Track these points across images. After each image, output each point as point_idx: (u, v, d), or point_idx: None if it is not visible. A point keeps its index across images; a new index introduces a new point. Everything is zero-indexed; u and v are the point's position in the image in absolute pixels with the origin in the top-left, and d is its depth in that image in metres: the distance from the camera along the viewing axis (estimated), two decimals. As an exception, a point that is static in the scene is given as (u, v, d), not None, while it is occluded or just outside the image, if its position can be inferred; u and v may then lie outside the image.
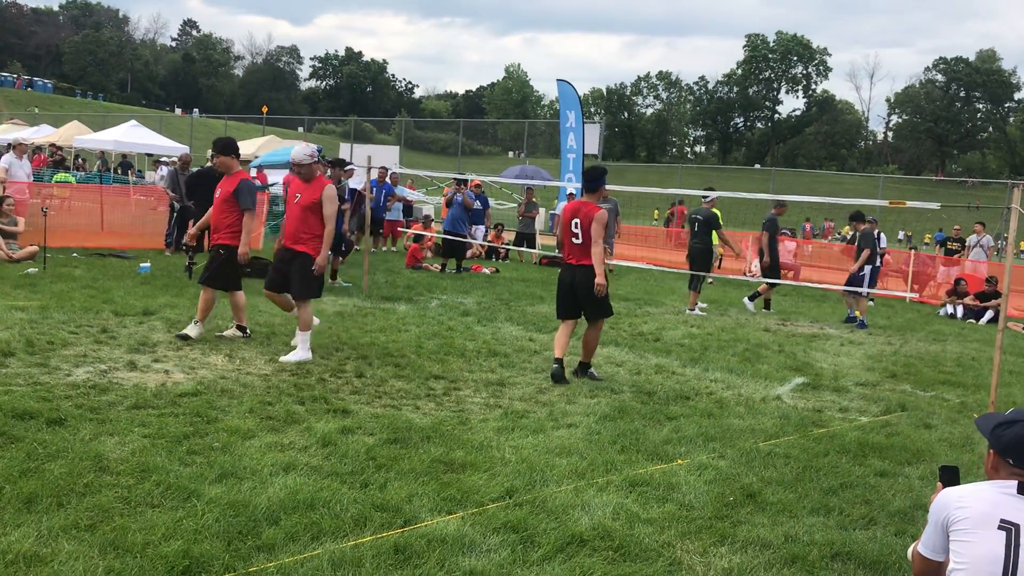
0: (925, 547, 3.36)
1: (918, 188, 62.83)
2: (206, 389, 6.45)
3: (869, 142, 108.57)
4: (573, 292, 7.92)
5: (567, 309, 8.06)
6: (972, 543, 3.10)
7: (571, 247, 7.91)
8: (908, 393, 8.54)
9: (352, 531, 4.10)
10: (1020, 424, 3.16)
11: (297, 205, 8.01)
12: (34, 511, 4.02)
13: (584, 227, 7.78)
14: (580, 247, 7.83)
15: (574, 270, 7.89)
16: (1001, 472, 3.20)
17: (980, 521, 3.10)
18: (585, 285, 7.79)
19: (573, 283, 7.91)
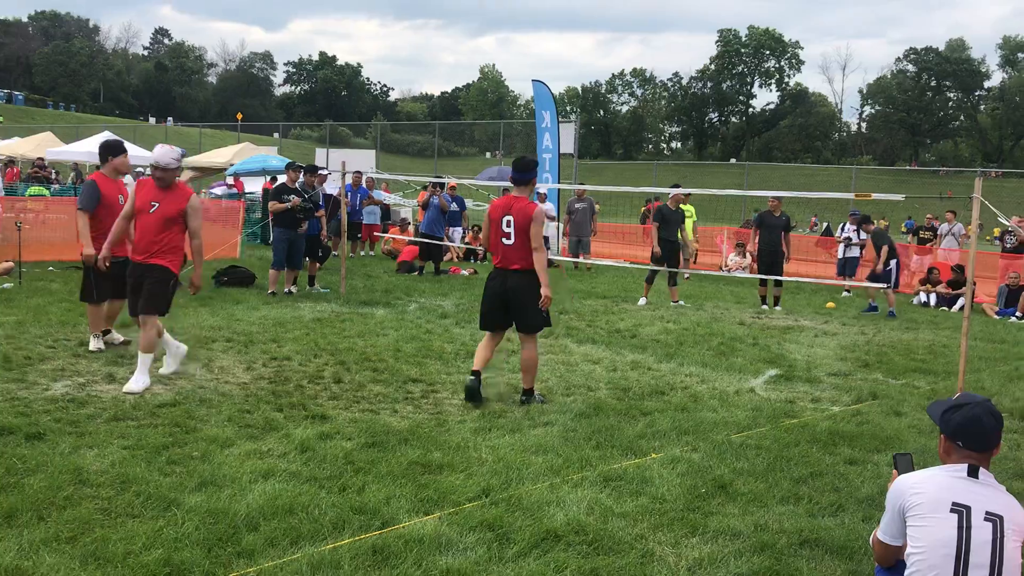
0: (884, 533, 3.48)
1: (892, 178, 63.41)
2: (184, 399, 6.50)
3: (843, 133, 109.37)
4: (504, 300, 7.01)
5: (494, 319, 7.13)
6: (927, 527, 3.23)
7: (503, 249, 6.99)
8: (880, 382, 8.69)
9: (331, 534, 4.18)
10: (967, 407, 3.29)
11: (154, 215, 7.04)
12: (15, 525, 4.07)
13: (519, 227, 6.88)
14: (513, 249, 6.93)
15: (506, 275, 6.98)
16: (953, 456, 3.32)
17: (934, 506, 3.22)
18: (519, 292, 6.92)
19: (504, 290, 6.98)
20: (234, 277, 13.10)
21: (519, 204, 6.96)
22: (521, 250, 6.91)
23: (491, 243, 7.14)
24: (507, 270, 6.99)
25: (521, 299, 6.95)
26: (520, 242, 6.90)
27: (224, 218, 19.55)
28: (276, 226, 12.86)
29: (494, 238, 7.07)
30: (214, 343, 8.71)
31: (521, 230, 6.88)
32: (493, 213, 7.09)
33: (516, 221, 6.90)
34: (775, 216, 13.76)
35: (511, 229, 6.92)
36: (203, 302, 11.13)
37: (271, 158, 27.06)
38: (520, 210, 6.91)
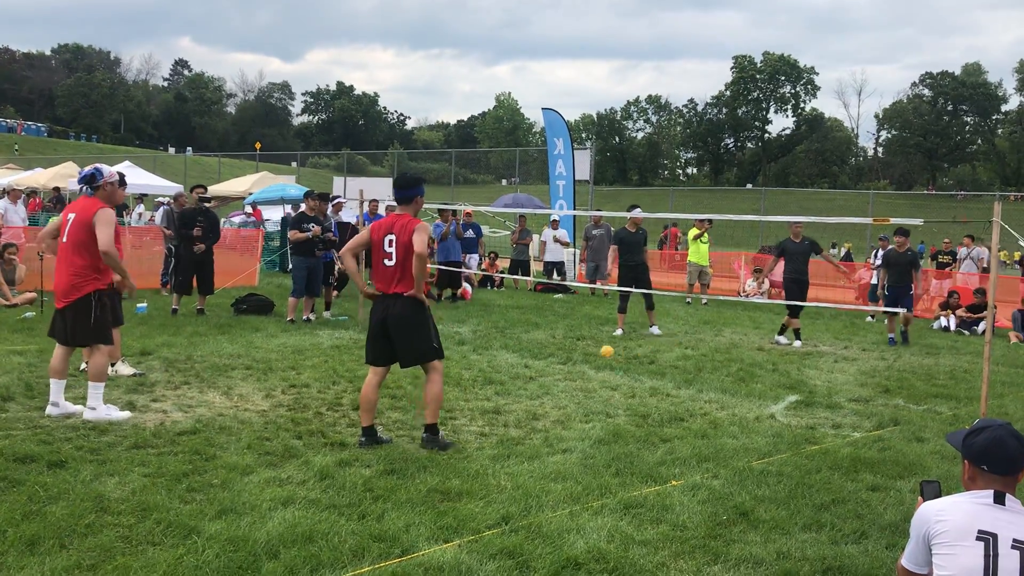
0: (908, 561, 3.44)
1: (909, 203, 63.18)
2: (204, 427, 6.52)
3: (860, 158, 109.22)
4: (384, 330, 6.25)
5: (377, 352, 6.35)
6: (953, 555, 3.18)
7: (383, 272, 6.29)
8: (901, 407, 8.62)
9: (351, 562, 4.17)
10: (988, 430, 3.26)
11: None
12: (37, 553, 4.08)
13: (401, 243, 6.18)
14: (393, 270, 6.25)
15: (387, 301, 6.26)
16: (978, 481, 3.29)
17: (959, 534, 3.18)
18: (402, 319, 6.21)
19: (385, 318, 6.25)
20: (253, 305, 13.17)
21: (402, 221, 6.28)
22: (404, 271, 6.21)
23: (373, 267, 6.41)
24: (388, 296, 6.27)
25: (404, 327, 6.24)
26: (402, 261, 6.21)
27: (243, 246, 19.70)
28: (295, 254, 12.94)
29: (375, 262, 6.34)
30: (233, 371, 8.75)
31: (403, 246, 6.18)
32: (375, 233, 6.32)
33: (399, 238, 6.19)
34: (795, 242, 13.29)
35: (393, 248, 6.22)
36: (222, 330, 11.21)
37: (289, 187, 27.27)
38: (403, 226, 6.23)
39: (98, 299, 6.76)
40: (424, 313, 6.33)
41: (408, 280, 6.22)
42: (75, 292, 6.71)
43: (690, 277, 18.62)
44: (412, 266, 6.13)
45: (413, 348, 6.29)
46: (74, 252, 6.71)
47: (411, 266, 6.15)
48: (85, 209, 6.76)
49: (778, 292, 21.15)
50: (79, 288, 6.70)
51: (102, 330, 6.82)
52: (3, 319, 11.19)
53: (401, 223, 6.27)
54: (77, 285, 6.71)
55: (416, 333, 6.27)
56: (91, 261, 6.71)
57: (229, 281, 15.45)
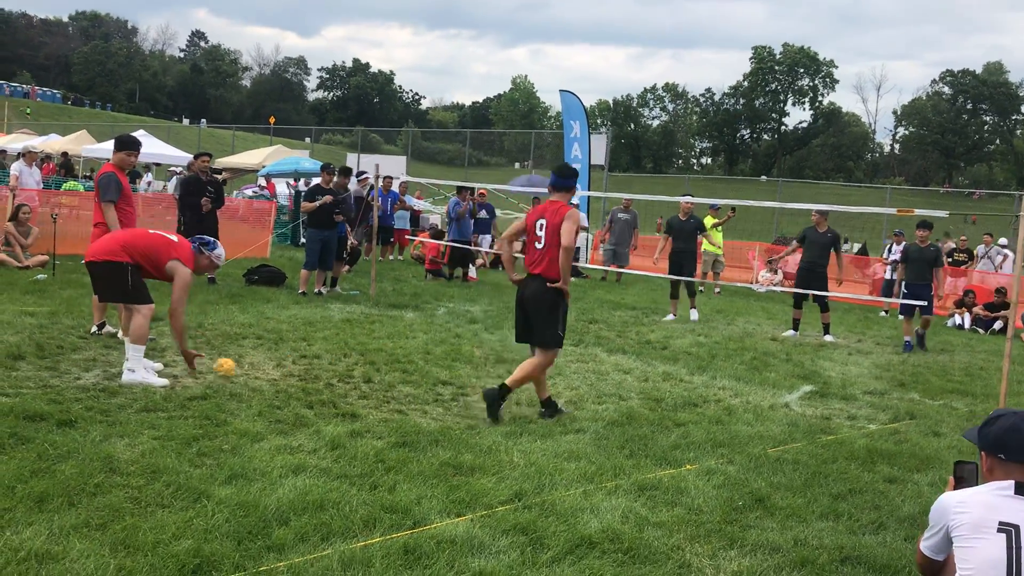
0: (927, 547, 3.39)
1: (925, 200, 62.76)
2: (215, 393, 6.47)
3: (876, 154, 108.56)
4: (523, 308, 6.63)
5: (519, 329, 6.74)
6: (975, 548, 3.12)
7: (532, 253, 6.63)
8: (916, 402, 8.52)
9: (361, 532, 4.11)
10: (1003, 418, 3.22)
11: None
12: (45, 510, 4.03)
13: (551, 227, 6.46)
14: (540, 252, 6.54)
15: (527, 281, 6.64)
16: (996, 472, 3.22)
17: (979, 525, 3.12)
18: (535, 298, 6.52)
19: (523, 296, 6.62)
20: (264, 276, 13.11)
21: (554, 207, 6.58)
22: (548, 253, 6.49)
23: (526, 251, 6.79)
24: (530, 275, 6.62)
25: (538, 306, 6.54)
26: (549, 244, 6.49)
27: (255, 219, 19.65)
28: (309, 227, 12.86)
29: (528, 245, 6.71)
30: (244, 340, 8.69)
31: (552, 229, 6.46)
32: (528, 219, 6.75)
33: (549, 221, 6.50)
34: (819, 232, 12.97)
35: (543, 232, 6.53)
36: (234, 299, 11.16)
37: (303, 160, 27.19)
38: (555, 211, 6.53)
39: (133, 269, 6.85)
40: (560, 300, 6.53)
41: (549, 263, 6.47)
42: (111, 256, 6.81)
43: (704, 265, 18.48)
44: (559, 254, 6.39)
45: (540, 329, 6.54)
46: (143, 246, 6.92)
47: (554, 249, 6.41)
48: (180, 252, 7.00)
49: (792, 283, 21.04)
50: (118, 256, 6.80)
51: (140, 290, 6.86)
52: (15, 280, 11.16)
53: (553, 208, 6.53)
54: (117, 253, 6.81)
55: (547, 316, 6.51)
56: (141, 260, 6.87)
57: (240, 252, 15.39)
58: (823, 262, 12.74)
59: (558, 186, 6.71)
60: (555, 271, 6.45)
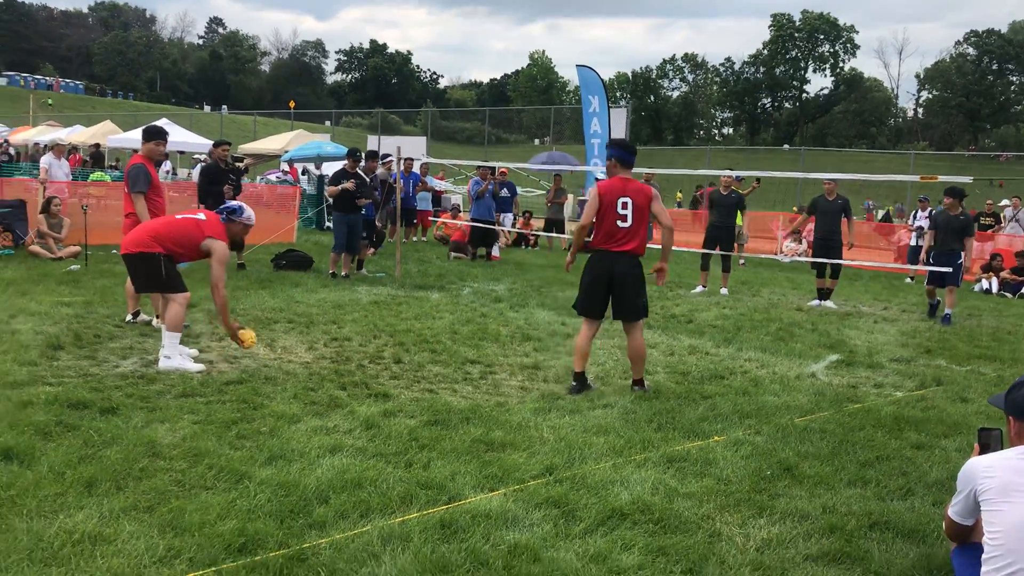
0: (955, 512, 3.45)
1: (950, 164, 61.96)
2: (250, 377, 6.62)
3: (899, 119, 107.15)
4: (608, 284, 6.80)
5: (595, 304, 6.87)
6: (1002, 512, 3.18)
7: (617, 232, 6.71)
8: (943, 368, 8.53)
9: (399, 508, 4.23)
10: None
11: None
12: (95, 494, 4.19)
13: (640, 206, 6.70)
14: (628, 231, 6.71)
15: (614, 258, 6.74)
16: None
17: (1007, 489, 3.18)
18: (627, 276, 6.74)
19: (612, 273, 6.76)
20: (292, 260, 13.27)
21: (635, 185, 6.79)
22: (636, 233, 6.73)
23: (598, 226, 6.78)
24: (616, 253, 6.73)
25: (631, 284, 6.75)
26: (636, 224, 6.71)
27: (279, 204, 19.81)
28: (335, 210, 12.99)
29: (607, 220, 6.71)
30: (276, 324, 8.84)
31: (642, 211, 6.72)
32: (608, 195, 6.71)
33: (635, 201, 6.69)
34: (829, 200, 12.99)
35: (628, 211, 6.68)
36: (263, 284, 11.33)
37: (326, 144, 27.32)
38: (637, 191, 6.75)
39: (167, 259, 6.99)
40: (643, 274, 6.86)
41: (639, 242, 6.77)
42: (143, 247, 6.95)
43: (727, 237, 18.44)
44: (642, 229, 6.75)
45: (633, 303, 6.79)
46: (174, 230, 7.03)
47: (644, 229, 6.77)
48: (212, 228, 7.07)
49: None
50: (150, 247, 6.93)
51: (174, 280, 7.00)
52: (49, 272, 11.38)
53: (634, 187, 6.78)
54: (149, 244, 6.94)
55: (639, 290, 6.81)
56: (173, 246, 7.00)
57: (267, 238, 15.56)
58: (836, 229, 12.75)
59: (627, 163, 6.93)
60: (643, 249, 6.82)
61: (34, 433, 4.97)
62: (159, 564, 3.54)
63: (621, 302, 6.80)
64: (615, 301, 6.82)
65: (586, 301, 6.90)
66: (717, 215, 13.84)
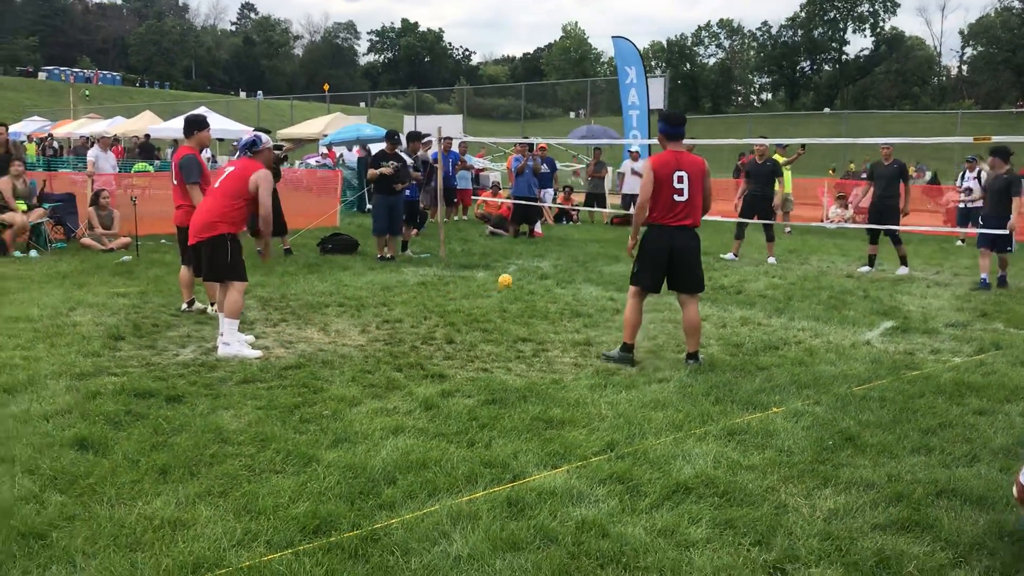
0: None
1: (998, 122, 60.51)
2: (307, 361, 6.72)
3: (943, 78, 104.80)
4: (669, 258, 6.82)
5: (657, 278, 6.91)
6: None
7: (675, 206, 6.73)
8: (1001, 332, 8.40)
9: (465, 487, 4.29)
10: None
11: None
12: (169, 481, 4.30)
13: (695, 180, 6.76)
14: (686, 205, 6.75)
15: (674, 233, 6.78)
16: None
17: None
18: (689, 250, 6.85)
19: (672, 248, 6.79)
20: (338, 244, 13.39)
21: (688, 158, 6.82)
22: (694, 206, 6.79)
23: (655, 201, 6.76)
24: (676, 227, 6.78)
25: (691, 257, 6.87)
26: (693, 198, 6.77)
27: (319, 188, 19.96)
28: (376, 192, 13.08)
29: (664, 195, 6.72)
30: (327, 308, 8.95)
31: (697, 183, 6.78)
32: (662, 170, 6.70)
33: (691, 175, 6.74)
34: (885, 165, 12.79)
35: (684, 185, 6.72)
36: (311, 269, 11.45)
37: (364, 127, 27.44)
38: (692, 163, 6.79)
39: (232, 240, 7.15)
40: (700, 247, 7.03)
41: (697, 214, 6.86)
42: (209, 231, 7.10)
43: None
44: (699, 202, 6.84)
45: (694, 276, 6.93)
46: (223, 197, 7.15)
47: (700, 201, 6.84)
48: (246, 168, 7.20)
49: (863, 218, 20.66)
50: (214, 227, 7.09)
51: (237, 267, 7.17)
52: (102, 263, 11.60)
53: (688, 160, 6.80)
54: (213, 224, 7.10)
55: (699, 263, 6.97)
56: (231, 210, 7.14)
57: (312, 223, 15.71)
58: (893, 194, 12.58)
59: (677, 136, 6.92)
60: (700, 222, 6.93)
61: (105, 423, 5.10)
62: (238, 547, 3.63)
63: (682, 275, 6.87)
64: (674, 274, 6.87)
65: (649, 275, 6.91)
66: (754, 184, 13.78)
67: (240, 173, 7.17)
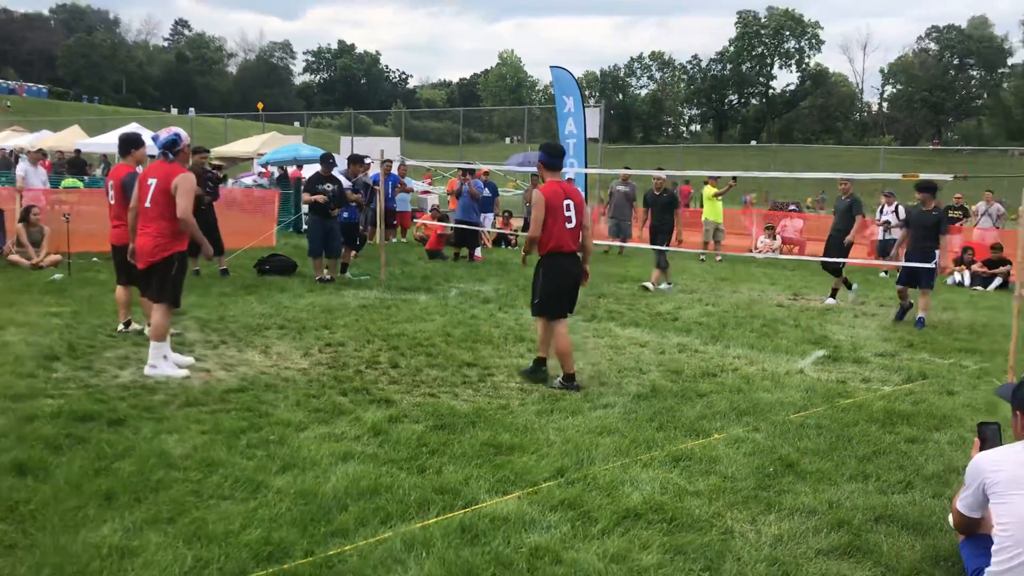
0: (963, 505, 3.58)
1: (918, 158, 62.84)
2: (250, 385, 6.65)
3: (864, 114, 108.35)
4: (575, 283, 7.22)
5: (570, 302, 7.25)
6: (1009, 504, 3.32)
7: (567, 233, 7.03)
8: (927, 361, 8.73)
9: (417, 514, 4.30)
10: None
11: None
12: (115, 507, 4.21)
13: (580, 209, 7.11)
14: (574, 231, 7.08)
15: (572, 259, 7.14)
16: (1029, 430, 3.42)
17: (1014, 482, 3.32)
18: (580, 275, 7.25)
19: (575, 275, 7.18)
20: (276, 265, 13.25)
21: (571, 187, 7.24)
22: (578, 234, 7.14)
23: (550, 230, 6.98)
24: (570, 254, 7.12)
25: (579, 283, 7.29)
26: (578, 226, 7.12)
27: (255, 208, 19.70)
28: (311, 214, 12.98)
29: (558, 222, 6.96)
30: (267, 330, 8.85)
31: (581, 212, 7.13)
32: (553, 199, 6.97)
33: (576, 204, 7.09)
34: (841, 200, 12.96)
35: (572, 213, 7.03)
36: (249, 290, 11.31)
37: (302, 147, 27.22)
38: (576, 193, 7.20)
39: (180, 260, 7.05)
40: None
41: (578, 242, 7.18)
42: (161, 253, 6.98)
43: (706, 235, 18.69)
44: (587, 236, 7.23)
45: (576, 300, 7.35)
46: (160, 217, 6.98)
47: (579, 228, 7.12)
48: (167, 176, 6.99)
49: (790, 248, 21.23)
50: (165, 249, 6.98)
51: (176, 290, 7.08)
52: (32, 281, 11.29)
53: (571, 189, 7.20)
54: (163, 246, 6.98)
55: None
56: (174, 227, 7.00)
57: (248, 243, 15.50)
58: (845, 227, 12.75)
59: (556, 167, 7.23)
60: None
61: (44, 447, 4.98)
62: (190, 575, 3.58)
63: (572, 300, 7.29)
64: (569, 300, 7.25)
65: (556, 305, 7.17)
66: (654, 215, 14.23)
67: (164, 186, 6.98)
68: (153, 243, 7.02)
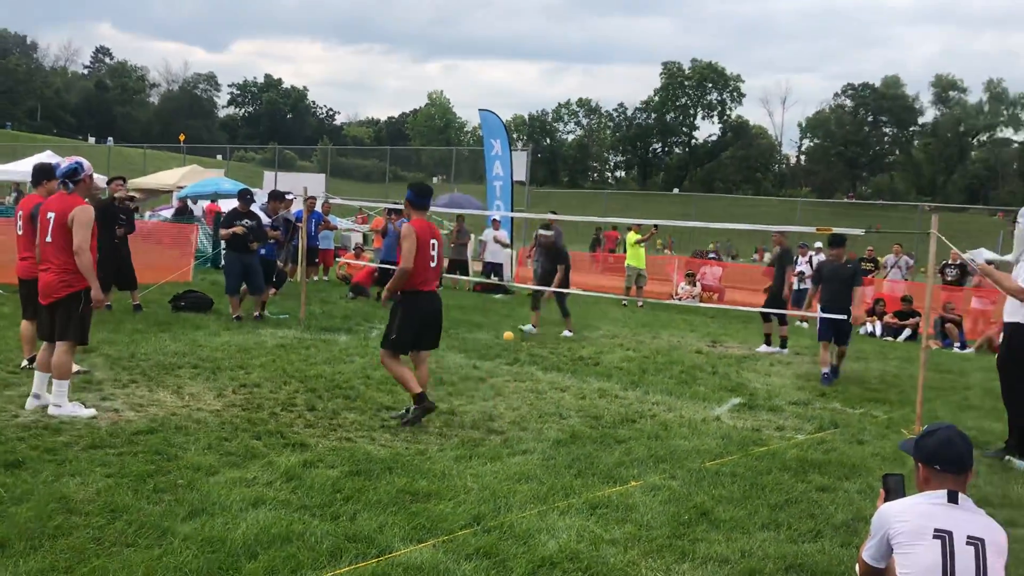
0: (868, 555, 3.66)
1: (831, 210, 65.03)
2: (160, 426, 6.44)
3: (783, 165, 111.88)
4: (437, 320, 7.50)
5: (429, 338, 7.50)
6: (913, 554, 3.40)
7: (430, 271, 7.34)
8: (839, 411, 8.94)
9: (329, 563, 4.20)
10: (938, 432, 3.56)
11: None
12: (8, 555, 4.01)
13: (441, 248, 7.51)
14: (436, 269, 7.48)
15: (433, 297, 7.43)
16: (932, 483, 3.52)
17: (917, 533, 3.41)
18: (441, 312, 7.55)
19: (437, 311, 7.46)
20: (191, 302, 12.94)
21: (433, 227, 7.53)
22: (440, 272, 7.67)
23: (416, 266, 7.14)
24: (431, 292, 7.42)
25: (441, 319, 7.61)
26: (439, 264, 7.55)
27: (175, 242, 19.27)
28: (229, 251, 12.75)
29: (424, 261, 7.23)
30: (180, 369, 8.62)
31: (441, 251, 7.54)
32: (423, 235, 7.24)
33: (438, 243, 7.45)
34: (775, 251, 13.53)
35: (435, 252, 7.38)
36: (163, 327, 11.01)
37: (223, 181, 26.80)
38: (433, 232, 7.45)
39: (86, 296, 6.78)
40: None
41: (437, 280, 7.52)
42: (66, 289, 6.71)
43: (628, 280, 18.95)
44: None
45: (439, 336, 7.65)
46: (62, 251, 6.72)
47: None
48: (65, 209, 6.75)
49: (709, 296, 21.67)
50: (70, 285, 6.71)
51: (85, 327, 6.82)
52: (-69, 313, 10.80)
53: (434, 229, 7.47)
54: (68, 282, 6.72)
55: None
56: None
57: (163, 277, 15.13)
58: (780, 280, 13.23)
59: (424, 206, 7.53)
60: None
61: (-66, 490, 4.73)
62: (85, 629, 3.42)
63: (433, 335, 7.54)
64: (427, 335, 7.46)
65: (411, 341, 7.36)
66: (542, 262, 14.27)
67: (63, 219, 6.73)
68: (57, 279, 6.75)
